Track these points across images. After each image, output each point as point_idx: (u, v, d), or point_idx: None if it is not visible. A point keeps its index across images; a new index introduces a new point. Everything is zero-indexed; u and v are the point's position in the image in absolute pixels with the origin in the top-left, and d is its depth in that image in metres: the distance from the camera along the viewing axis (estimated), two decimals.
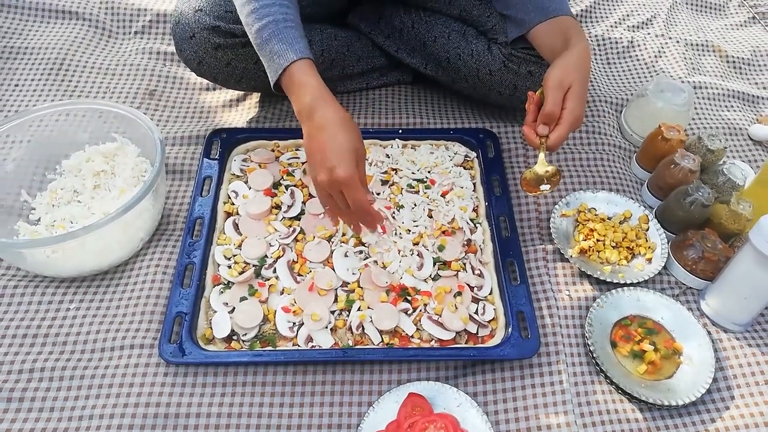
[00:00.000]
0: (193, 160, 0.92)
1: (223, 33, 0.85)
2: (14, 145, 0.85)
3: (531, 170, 0.76)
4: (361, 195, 0.68)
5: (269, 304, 0.75)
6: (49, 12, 1.14)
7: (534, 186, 0.76)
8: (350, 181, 0.67)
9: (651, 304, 0.79)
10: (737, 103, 1.12)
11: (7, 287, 0.76)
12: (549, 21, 0.84)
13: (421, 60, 1.02)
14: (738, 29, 1.31)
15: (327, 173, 0.67)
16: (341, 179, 0.66)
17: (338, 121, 0.69)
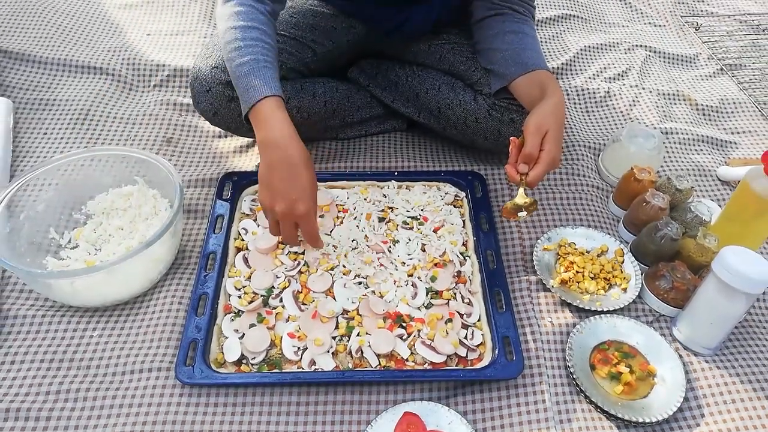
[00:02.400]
0: (206, 201, 1.01)
1: None
2: (45, 188, 0.93)
3: (511, 201, 0.85)
4: (314, 228, 0.81)
5: (276, 330, 0.82)
6: (75, 67, 1.25)
7: (513, 213, 0.85)
8: (308, 216, 0.78)
9: (627, 330, 0.86)
10: (707, 147, 1.22)
11: (36, 316, 0.83)
12: (527, 74, 0.94)
13: (414, 109, 1.12)
14: (707, 80, 1.42)
15: (288, 205, 0.77)
16: (301, 213, 0.78)
17: (303, 159, 0.79)
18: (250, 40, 0.82)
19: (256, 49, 0.82)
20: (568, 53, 1.43)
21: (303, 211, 0.77)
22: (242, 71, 0.81)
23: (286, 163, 0.78)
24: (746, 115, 1.32)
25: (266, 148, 0.79)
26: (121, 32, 1.36)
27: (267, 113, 0.79)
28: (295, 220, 0.79)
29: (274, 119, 0.79)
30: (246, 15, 0.84)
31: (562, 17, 1.57)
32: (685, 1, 1.70)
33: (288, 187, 0.77)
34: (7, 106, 1.12)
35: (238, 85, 0.83)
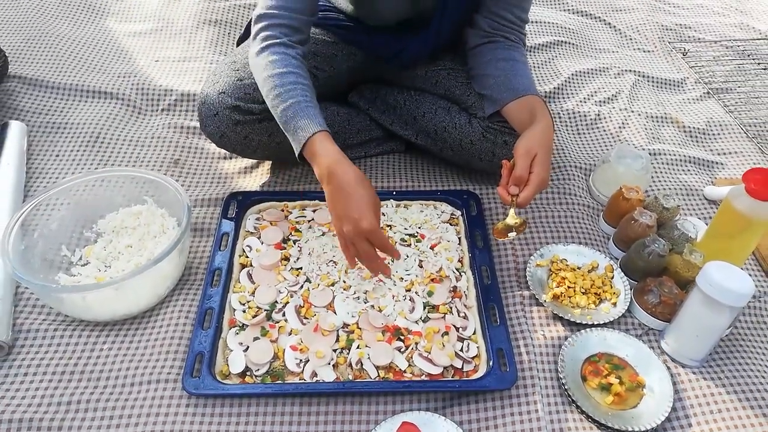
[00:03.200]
0: (212, 220, 1.05)
1: (242, 111, 1.00)
2: (58, 207, 0.96)
3: (502, 221, 0.89)
4: (385, 240, 0.82)
5: (279, 343, 0.85)
6: (86, 92, 1.30)
7: (503, 233, 0.89)
8: (375, 230, 0.80)
9: (616, 343, 0.89)
10: (693, 168, 1.26)
11: (48, 330, 0.86)
12: (518, 99, 0.99)
13: (412, 132, 1.17)
14: (694, 103, 1.47)
15: (353, 224, 0.80)
16: (367, 230, 0.79)
17: (358, 180, 0.82)
18: (289, 84, 0.87)
19: (296, 92, 0.87)
20: (560, 78, 1.49)
21: (367, 226, 0.79)
22: (288, 115, 0.86)
23: (341, 188, 0.82)
24: (732, 136, 1.36)
25: (323, 180, 0.84)
26: (130, 59, 1.42)
27: (317, 148, 0.84)
28: (364, 237, 0.81)
29: (324, 151, 0.84)
30: (280, 62, 0.88)
31: (554, 43, 1.63)
32: (672, 28, 1.77)
33: (348, 209, 0.81)
34: (21, 130, 1.16)
35: (286, 129, 0.88)
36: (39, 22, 1.48)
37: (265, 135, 1.03)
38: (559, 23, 1.72)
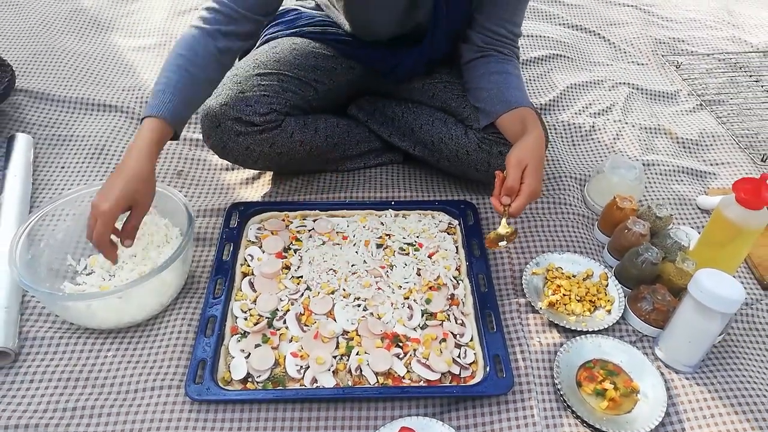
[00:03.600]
0: (215, 229, 1.07)
1: (244, 123, 1.02)
2: (63, 218, 0.98)
3: (494, 231, 0.91)
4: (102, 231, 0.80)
5: (280, 350, 0.87)
6: (91, 105, 1.33)
7: (495, 243, 0.91)
8: (104, 217, 0.80)
9: (611, 349, 0.91)
10: (687, 178, 1.29)
11: (53, 338, 0.88)
12: (511, 111, 1.02)
13: (410, 143, 1.19)
14: (687, 115, 1.50)
15: (96, 201, 0.81)
16: (102, 210, 0.80)
17: (130, 171, 0.82)
18: (171, 64, 0.89)
19: (167, 73, 0.89)
20: (556, 90, 1.52)
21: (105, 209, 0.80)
22: (156, 89, 0.88)
23: (116, 173, 0.83)
24: (724, 147, 1.39)
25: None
26: (134, 73, 1.45)
27: (142, 128, 0.86)
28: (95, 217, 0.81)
29: (139, 137, 0.85)
30: (184, 43, 0.91)
31: (550, 57, 1.66)
32: (665, 42, 1.80)
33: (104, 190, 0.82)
34: (27, 142, 1.19)
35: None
36: (45, 36, 1.51)
37: (267, 145, 1.06)
38: (554, 37, 1.75)
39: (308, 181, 1.19)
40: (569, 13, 1.89)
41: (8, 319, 0.87)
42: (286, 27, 1.16)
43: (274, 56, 1.07)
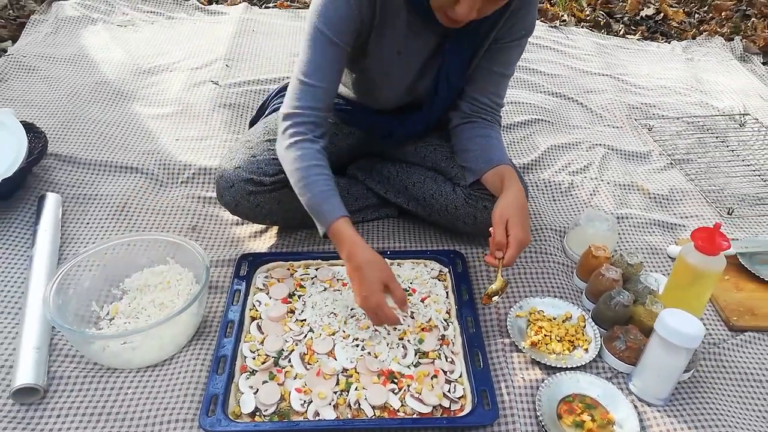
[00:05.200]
0: (226, 278, 1.17)
1: (255, 183, 1.14)
2: (89, 268, 1.09)
3: (490, 287, 1.01)
4: (384, 316, 0.97)
5: (285, 386, 0.95)
6: (114, 167, 1.45)
7: (489, 299, 1.02)
8: (379, 304, 0.96)
9: (588, 385, 0.99)
10: (658, 230, 1.40)
11: (78, 376, 0.96)
12: (493, 169, 1.14)
13: (404, 199, 1.31)
14: (659, 173, 1.63)
15: (363, 300, 0.96)
16: (374, 305, 0.96)
17: (368, 261, 0.97)
18: (314, 176, 1.01)
19: (320, 182, 1.01)
20: (538, 151, 1.66)
21: (374, 302, 0.96)
22: (314, 201, 1.01)
23: (357, 271, 0.97)
24: (693, 202, 1.51)
25: (346, 260, 0.99)
26: (154, 138, 1.59)
27: (340, 232, 0.99)
28: (373, 311, 0.97)
29: (346, 236, 0.99)
30: (307, 156, 1.02)
31: (532, 121, 1.82)
32: (638, 107, 1.97)
33: (361, 288, 0.97)
34: (57, 201, 1.31)
35: (312, 213, 1.03)
36: (74, 106, 1.67)
37: (275, 203, 1.17)
38: (536, 104, 1.91)
39: (311, 234, 1.30)
40: (550, 82, 2.07)
41: (39, 359, 0.96)
42: None
43: None
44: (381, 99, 1.21)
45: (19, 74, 1.79)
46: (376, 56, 1.09)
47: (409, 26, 1.05)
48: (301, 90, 1.04)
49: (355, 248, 0.98)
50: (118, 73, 1.88)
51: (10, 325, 1.03)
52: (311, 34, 1.02)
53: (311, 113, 1.04)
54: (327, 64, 1.03)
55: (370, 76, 1.14)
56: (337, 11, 0.99)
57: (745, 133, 1.84)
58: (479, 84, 1.19)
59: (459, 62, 1.13)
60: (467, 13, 0.92)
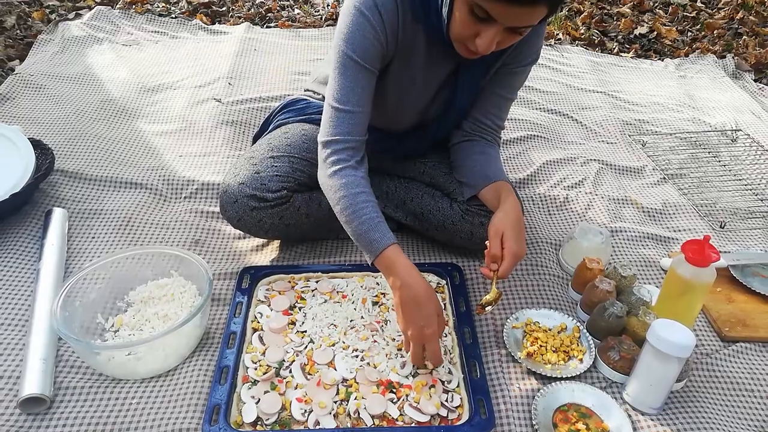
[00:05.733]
0: (228, 290, 1.20)
1: (258, 199, 1.17)
2: (95, 281, 1.11)
3: (485, 298, 1.04)
4: (438, 348, 0.97)
5: (286, 396, 0.97)
6: (119, 183, 1.49)
7: (482, 309, 1.04)
8: (434, 336, 0.96)
9: (583, 394, 1.01)
10: (651, 243, 1.43)
11: (84, 387, 0.98)
12: (490, 185, 1.17)
13: (402, 214, 1.34)
14: (652, 187, 1.67)
15: (419, 330, 0.96)
16: (428, 336, 0.95)
17: (426, 294, 0.97)
18: (361, 203, 1.02)
19: (367, 210, 1.02)
20: (534, 166, 1.69)
21: (429, 334, 0.95)
22: (362, 229, 1.01)
23: (414, 299, 0.96)
24: (686, 216, 1.55)
25: (398, 288, 0.98)
26: (158, 154, 1.63)
27: (392, 259, 0.99)
28: (423, 341, 0.96)
29: (399, 264, 0.99)
30: (352, 184, 1.02)
31: (528, 137, 1.86)
32: (632, 123, 2.01)
33: (416, 317, 0.96)
34: (63, 215, 1.34)
35: (359, 241, 1.02)
36: (80, 124, 1.71)
37: (277, 218, 1.20)
38: (532, 120, 1.96)
39: (311, 248, 1.33)
40: (546, 99, 2.12)
41: (45, 369, 0.98)
42: (296, 114, 1.34)
43: (285, 140, 1.24)
44: (392, 121, 1.25)
45: (27, 92, 1.83)
46: (393, 82, 1.12)
47: (427, 55, 1.08)
48: (337, 117, 1.04)
49: (412, 277, 0.98)
50: (123, 92, 1.93)
51: (18, 337, 1.06)
52: (340, 61, 1.02)
53: (350, 139, 1.05)
54: (360, 89, 1.03)
55: (385, 100, 1.16)
56: (364, 38, 1.00)
57: (737, 149, 1.88)
58: (483, 106, 1.23)
59: (470, 88, 1.17)
60: (488, 47, 0.92)
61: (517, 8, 0.85)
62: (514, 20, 0.88)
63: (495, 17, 0.88)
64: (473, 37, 0.93)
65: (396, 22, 1.02)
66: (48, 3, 2.44)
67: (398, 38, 1.04)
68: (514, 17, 0.88)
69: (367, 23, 0.99)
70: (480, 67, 1.13)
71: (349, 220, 1.03)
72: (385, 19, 1.00)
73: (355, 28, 1.00)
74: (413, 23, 1.03)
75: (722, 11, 3.06)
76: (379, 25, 1.00)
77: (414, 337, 0.97)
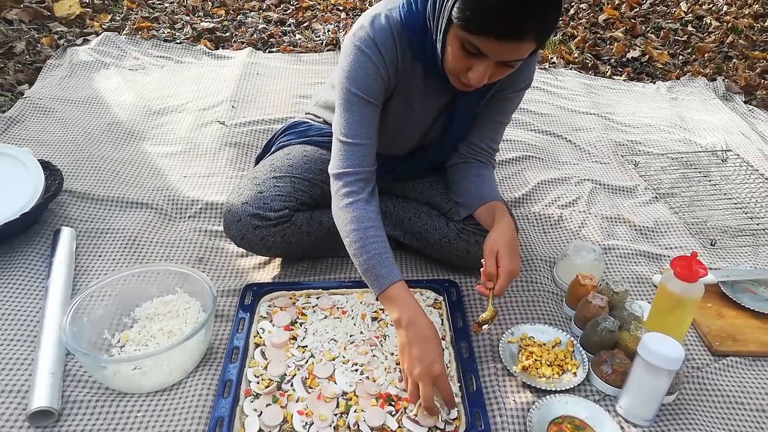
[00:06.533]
0: (231, 307, 1.23)
1: (260, 218, 1.20)
2: (102, 297, 1.15)
3: (481, 316, 1.07)
4: (449, 386, 0.96)
5: (288, 409, 0.99)
6: (125, 203, 1.53)
7: (479, 327, 1.07)
8: (443, 375, 0.95)
9: (577, 407, 1.03)
10: (643, 260, 1.47)
11: (90, 401, 1.01)
12: (485, 205, 1.22)
13: (401, 232, 1.38)
14: (644, 206, 1.71)
15: (426, 368, 0.94)
16: (437, 374, 0.94)
17: (432, 333, 0.98)
18: (371, 237, 1.04)
19: (376, 245, 1.04)
20: (529, 186, 1.74)
21: (438, 371, 0.93)
22: (369, 263, 1.03)
23: (420, 337, 0.97)
24: (677, 234, 1.59)
25: (402, 325, 0.98)
26: (163, 175, 1.67)
27: (397, 296, 1.00)
28: (432, 380, 0.94)
29: (404, 301, 1.00)
30: (362, 218, 1.05)
31: (523, 158, 1.91)
32: (625, 144, 2.06)
33: (424, 355, 0.95)
34: (71, 234, 1.38)
35: (366, 275, 1.04)
36: (87, 146, 1.76)
37: (279, 236, 1.24)
38: (527, 141, 2.01)
39: (312, 265, 1.37)
40: (540, 121, 2.17)
41: (54, 383, 1.01)
42: (298, 136, 1.38)
43: (287, 161, 1.28)
44: (392, 146, 1.29)
45: (36, 116, 1.89)
46: (394, 111, 1.17)
47: (425, 86, 1.13)
48: (345, 150, 1.08)
49: (419, 316, 0.99)
50: (130, 114, 1.98)
51: (27, 351, 1.09)
52: (345, 97, 1.06)
53: (361, 170, 1.08)
54: (365, 122, 1.07)
55: (386, 127, 1.20)
56: (367, 75, 1.05)
57: (727, 168, 1.93)
58: (478, 130, 1.28)
59: (466, 115, 1.22)
60: (480, 80, 0.96)
61: (505, 44, 0.90)
62: (503, 55, 0.93)
63: (485, 53, 0.92)
64: (466, 71, 0.97)
65: (395, 58, 1.07)
66: (56, 29, 2.52)
67: (398, 72, 1.09)
68: (503, 52, 0.92)
69: (368, 60, 1.04)
70: (475, 95, 1.18)
71: (358, 253, 1.05)
72: (385, 56, 1.05)
73: (357, 65, 1.05)
74: (411, 58, 1.09)
75: (713, 35, 3.14)
76: (380, 61, 1.05)
77: (423, 375, 0.94)
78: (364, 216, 1.07)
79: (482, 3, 0.85)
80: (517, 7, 0.84)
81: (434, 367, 0.94)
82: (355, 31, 1.06)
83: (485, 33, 0.88)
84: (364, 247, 1.04)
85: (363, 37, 1.04)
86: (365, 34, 1.04)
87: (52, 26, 2.53)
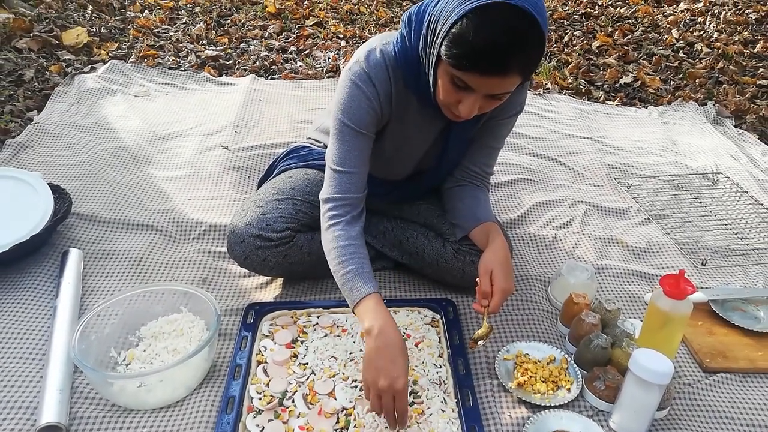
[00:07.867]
0: (234, 326, 1.26)
1: (263, 239, 1.25)
2: (110, 317, 1.18)
3: (477, 332, 1.10)
4: (406, 404, 0.98)
5: (289, 424, 1.02)
6: (131, 225, 1.57)
7: (475, 343, 1.10)
8: (404, 391, 0.96)
9: (571, 422, 1.06)
10: (636, 279, 1.50)
11: (97, 417, 1.03)
12: (480, 226, 1.26)
13: (399, 253, 1.42)
14: (637, 227, 1.75)
15: (390, 381, 0.95)
16: (399, 387, 0.95)
17: (401, 346, 0.99)
18: (349, 255, 1.08)
19: (354, 260, 1.08)
20: (524, 208, 1.78)
21: (401, 386, 0.95)
22: (346, 278, 1.07)
23: (389, 348, 0.97)
24: (669, 254, 1.63)
25: (372, 335, 0.99)
26: (168, 198, 1.72)
27: (370, 307, 1.03)
28: (393, 393, 0.95)
29: (377, 312, 1.02)
30: (343, 237, 1.10)
31: (518, 180, 1.96)
32: (618, 167, 2.12)
33: (390, 367, 0.96)
34: (78, 256, 1.42)
35: (343, 289, 1.08)
36: (95, 170, 1.81)
37: (281, 257, 1.28)
38: (522, 164, 2.06)
39: (313, 285, 1.41)
40: (535, 145, 2.23)
41: (62, 399, 1.04)
42: (299, 160, 1.43)
43: (289, 184, 1.33)
44: (389, 171, 1.34)
45: (45, 141, 1.94)
46: (390, 139, 1.23)
47: (420, 116, 1.19)
48: (336, 178, 1.13)
49: (390, 327, 1.00)
50: (136, 140, 2.03)
51: (36, 369, 1.12)
52: (338, 128, 1.12)
53: (347, 197, 1.13)
54: (356, 152, 1.12)
55: (383, 154, 1.25)
56: (360, 108, 1.10)
57: (718, 190, 1.98)
58: (473, 155, 1.33)
59: (461, 142, 1.27)
60: (470, 112, 1.00)
61: (490, 79, 0.94)
62: (490, 89, 0.97)
63: (472, 87, 0.97)
64: (456, 103, 1.02)
65: (389, 91, 1.13)
66: (65, 57, 2.59)
67: (392, 104, 1.15)
68: (489, 86, 0.96)
69: (362, 94, 1.10)
70: (469, 122, 1.23)
71: (337, 269, 1.09)
72: (379, 89, 1.11)
73: (351, 99, 1.10)
74: (405, 90, 1.14)
75: (703, 61, 3.23)
76: (373, 95, 1.11)
77: (384, 388, 0.95)
78: (345, 235, 1.11)
79: (467, 42, 0.90)
80: (500, 46, 0.89)
81: (398, 381, 0.95)
82: (351, 66, 1.12)
83: (471, 69, 0.93)
84: (342, 263, 1.08)
85: (358, 71, 1.10)
86: (360, 69, 1.10)
87: (60, 54, 2.61)
